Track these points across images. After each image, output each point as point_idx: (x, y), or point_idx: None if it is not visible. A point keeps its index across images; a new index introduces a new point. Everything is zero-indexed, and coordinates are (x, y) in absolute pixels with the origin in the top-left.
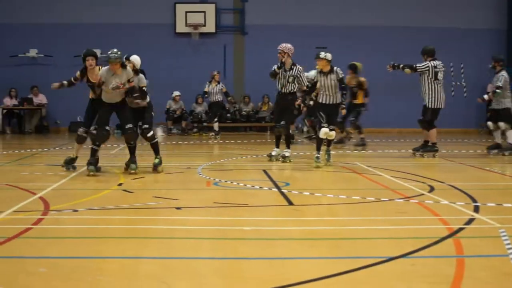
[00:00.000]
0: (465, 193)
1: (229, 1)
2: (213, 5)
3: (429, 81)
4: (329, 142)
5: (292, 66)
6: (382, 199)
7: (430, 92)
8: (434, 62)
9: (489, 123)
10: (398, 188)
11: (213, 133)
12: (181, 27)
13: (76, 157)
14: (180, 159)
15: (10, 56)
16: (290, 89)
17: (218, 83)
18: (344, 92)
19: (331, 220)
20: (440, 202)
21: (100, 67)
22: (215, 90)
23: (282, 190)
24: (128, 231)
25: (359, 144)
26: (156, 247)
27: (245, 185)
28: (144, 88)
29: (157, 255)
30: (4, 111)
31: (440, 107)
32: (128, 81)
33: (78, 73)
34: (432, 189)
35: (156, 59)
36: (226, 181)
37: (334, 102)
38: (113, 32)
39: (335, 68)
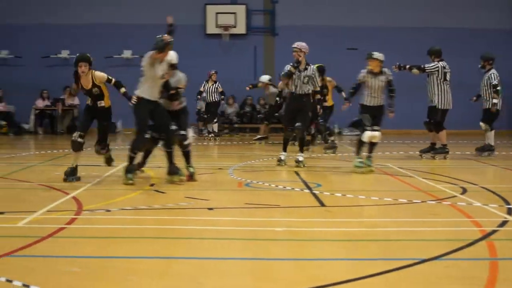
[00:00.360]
0: (498, 195)
1: (259, 2)
2: (243, 6)
3: (438, 81)
4: (371, 146)
5: (307, 66)
6: (414, 201)
7: (440, 93)
8: (443, 63)
9: (482, 124)
10: (430, 190)
11: (212, 134)
12: (211, 28)
13: (76, 166)
14: (211, 160)
15: (42, 57)
16: (305, 90)
17: (215, 82)
18: (392, 94)
19: (363, 221)
20: (473, 204)
21: (93, 71)
22: (211, 89)
23: (314, 191)
24: (160, 231)
25: (329, 147)
26: (188, 247)
27: (276, 186)
28: (181, 89)
29: (189, 255)
30: (37, 111)
31: (449, 108)
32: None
33: (73, 85)
34: (464, 191)
35: (186, 60)
36: (257, 182)
37: (379, 104)
38: (144, 33)
39: (384, 69)
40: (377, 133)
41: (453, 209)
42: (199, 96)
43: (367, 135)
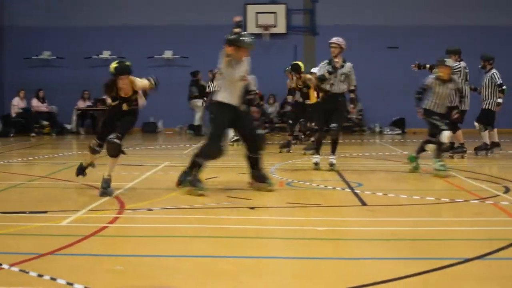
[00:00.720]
0: None
1: (299, 2)
2: (283, 6)
3: (460, 82)
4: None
5: (343, 63)
6: (457, 200)
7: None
8: (464, 63)
9: (476, 123)
10: (472, 189)
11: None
12: (251, 28)
13: (88, 165)
14: None
15: (84, 58)
16: (342, 89)
17: None
18: (462, 99)
19: (405, 220)
20: None
21: (131, 78)
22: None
23: (355, 191)
24: (202, 230)
25: (310, 147)
26: (230, 246)
27: (317, 185)
28: (257, 93)
29: (231, 254)
30: (78, 112)
31: (468, 108)
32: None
33: (109, 100)
34: (507, 190)
35: None
36: (298, 181)
37: (444, 112)
38: (184, 33)
39: (453, 76)
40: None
41: (496, 208)
42: (205, 98)
43: (447, 135)
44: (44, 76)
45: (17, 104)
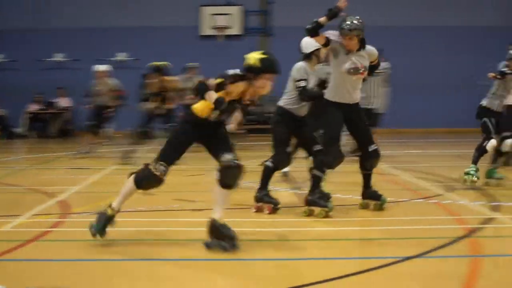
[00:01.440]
0: (486, 192)
1: (255, 3)
2: (239, 7)
3: (382, 84)
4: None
5: None
6: (401, 200)
7: (382, 96)
8: (388, 64)
9: None
10: (417, 188)
11: None
12: (206, 30)
13: None
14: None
15: (37, 61)
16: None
17: None
18: None
19: (350, 221)
20: (459, 202)
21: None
22: None
23: (301, 192)
24: (145, 234)
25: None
26: (171, 248)
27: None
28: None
29: (171, 257)
30: (30, 115)
31: (383, 111)
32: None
33: (215, 95)
34: (452, 189)
35: (181, 62)
36: (249, 182)
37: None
38: (138, 35)
39: None
40: None
41: (438, 207)
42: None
43: (509, 144)
44: None
45: None
